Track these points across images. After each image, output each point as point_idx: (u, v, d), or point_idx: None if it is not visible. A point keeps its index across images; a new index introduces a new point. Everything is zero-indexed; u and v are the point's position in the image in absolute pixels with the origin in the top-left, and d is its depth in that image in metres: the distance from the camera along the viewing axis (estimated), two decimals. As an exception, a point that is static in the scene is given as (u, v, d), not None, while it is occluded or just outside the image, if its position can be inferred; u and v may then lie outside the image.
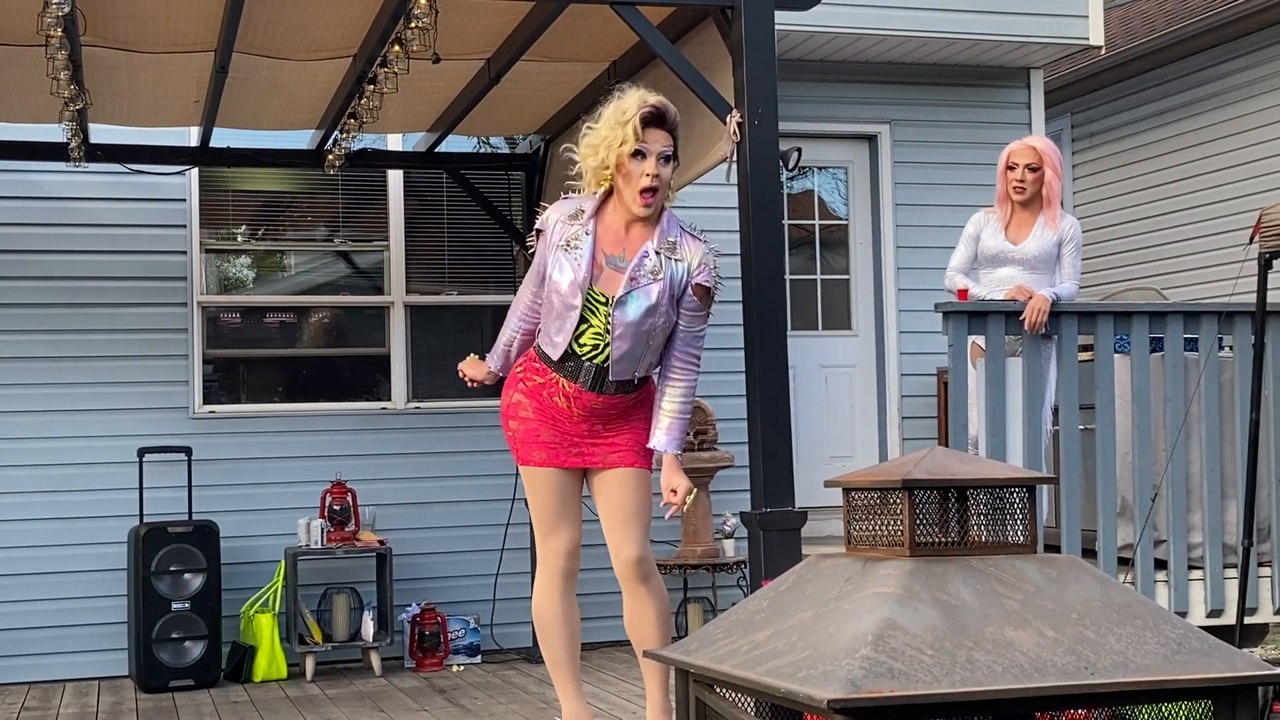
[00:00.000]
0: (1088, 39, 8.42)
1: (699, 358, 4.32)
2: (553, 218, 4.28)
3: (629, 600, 4.39)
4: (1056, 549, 5.75)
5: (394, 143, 7.68)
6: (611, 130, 4.14)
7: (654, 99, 4.17)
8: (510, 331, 4.47)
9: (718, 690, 2.74)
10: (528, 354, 4.38)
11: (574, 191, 4.38)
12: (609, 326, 4.17)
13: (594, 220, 4.22)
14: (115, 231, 7.26)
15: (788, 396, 4.68)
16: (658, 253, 4.19)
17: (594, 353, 4.20)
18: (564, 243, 4.20)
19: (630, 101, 4.14)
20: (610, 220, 4.25)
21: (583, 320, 4.18)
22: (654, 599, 4.37)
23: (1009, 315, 5.73)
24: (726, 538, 7.52)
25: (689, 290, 4.22)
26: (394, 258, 7.73)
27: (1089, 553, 5.82)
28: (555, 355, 4.23)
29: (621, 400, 4.28)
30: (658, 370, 4.36)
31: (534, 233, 4.35)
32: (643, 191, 4.14)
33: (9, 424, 7.02)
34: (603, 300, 4.18)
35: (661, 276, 4.17)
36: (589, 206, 4.24)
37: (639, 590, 4.36)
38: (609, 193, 4.25)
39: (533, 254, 4.37)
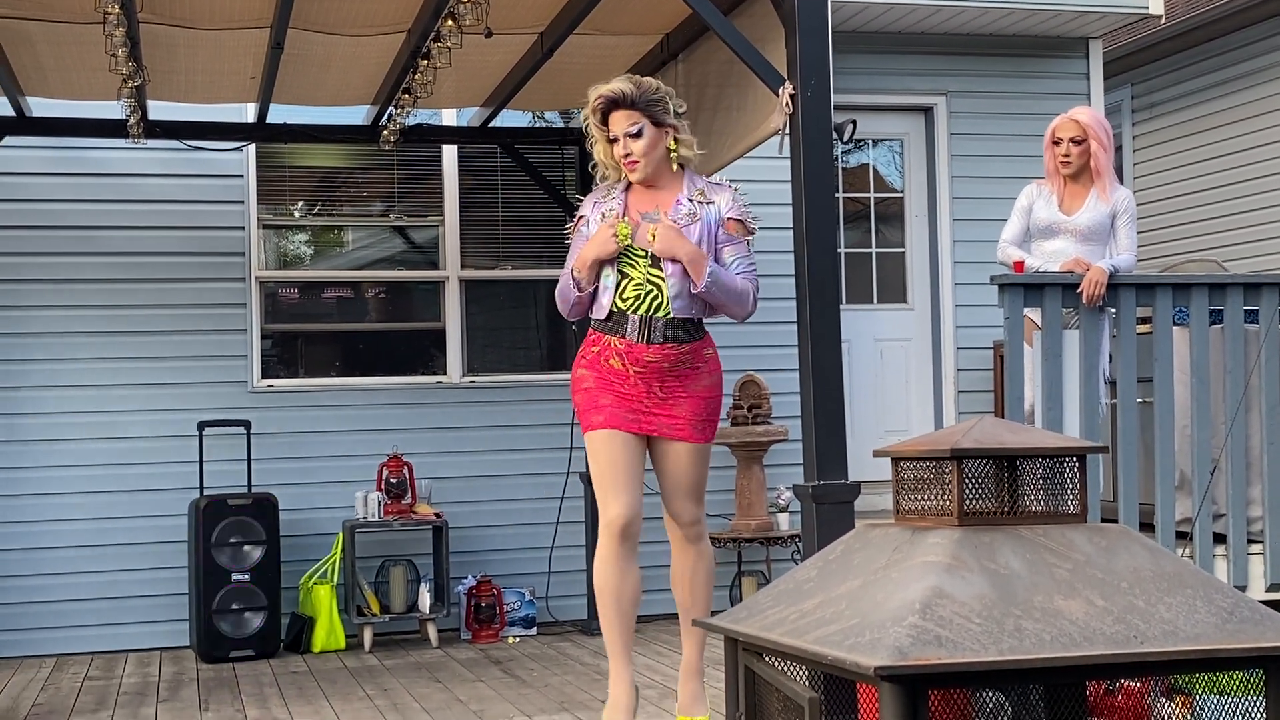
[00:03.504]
0: (1147, 8, 8.32)
1: (754, 283, 4.56)
2: (589, 202, 4.65)
3: (678, 557, 4.62)
4: (1114, 523, 5.71)
5: (448, 118, 7.71)
6: (591, 135, 4.57)
7: (602, 89, 4.49)
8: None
9: (766, 658, 2.75)
10: (589, 329, 4.59)
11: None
12: (650, 274, 4.42)
13: (625, 194, 4.59)
14: (174, 207, 7.34)
15: (840, 369, 4.66)
16: (690, 200, 4.52)
17: (637, 304, 4.43)
18: (600, 216, 4.55)
19: (589, 105, 4.53)
20: (638, 190, 4.58)
21: (624, 276, 4.44)
22: (703, 560, 4.62)
23: (1065, 288, 5.68)
24: (781, 511, 7.53)
25: (723, 227, 4.51)
26: (449, 232, 7.77)
27: (1147, 526, 5.78)
28: (602, 315, 4.48)
29: (673, 352, 4.44)
30: (705, 334, 4.58)
31: (575, 218, 4.66)
32: (625, 164, 4.51)
33: (71, 398, 7.14)
34: (642, 255, 4.44)
35: (698, 218, 4.48)
36: (619, 186, 4.63)
37: (689, 549, 4.62)
38: None
39: (569, 238, 4.67)
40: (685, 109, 4.61)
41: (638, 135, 4.45)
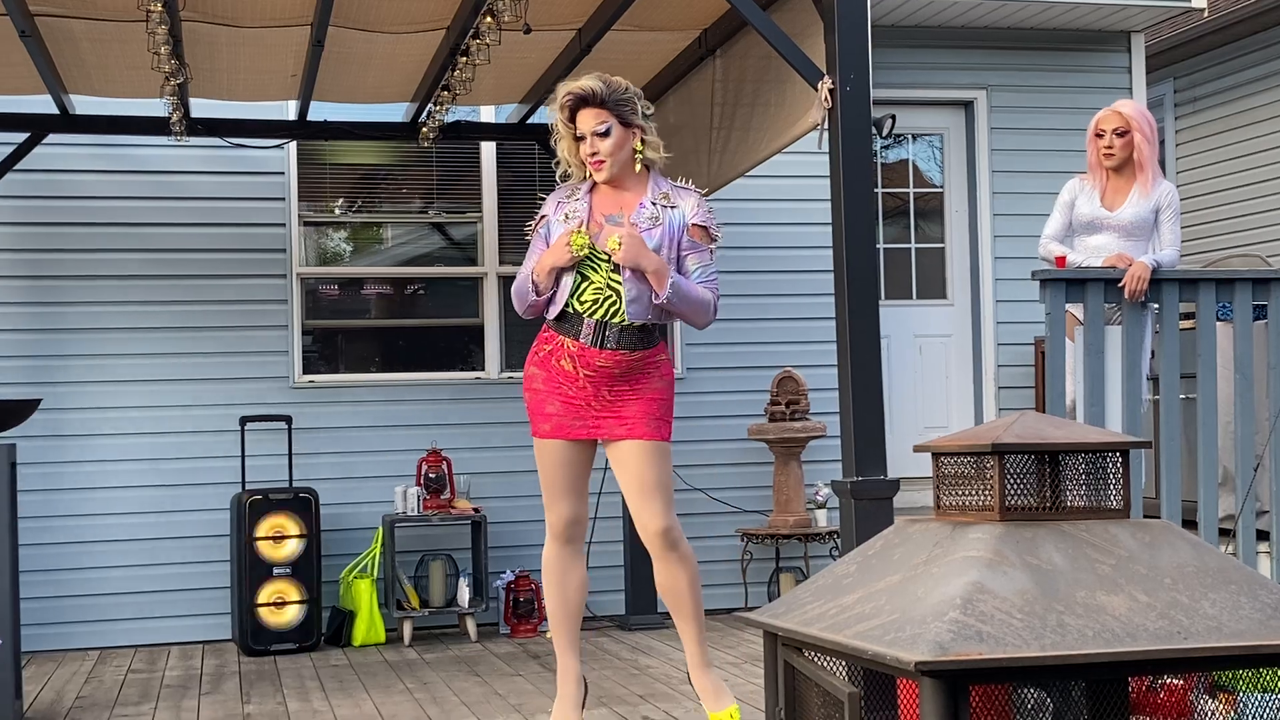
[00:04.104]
0: (1190, 2, 8.24)
1: (714, 293, 4.48)
2: (552, 201, 4.56)
3: (659, 567, 4.49)
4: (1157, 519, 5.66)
5: (487, 114, 7.73)
6: (557, 130, 4.48)
7: (571, 86, 4.42)
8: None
9: (806, 653, 2.74)
10: (543, 325, 4.53)
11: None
12: (611, 279, 4.35)
13: (589, 194, 4.51)
14: (216, 204, 7.39)
15: (879, 365, 4.65)
16: (654, 203, 4.44)
17: (594, 308, 4.37)
18: (563, 216, 4.48)
19: (556, 100, 4.45)
20: (603, 190, 4.51)
21: (584, 279, 4.37)
22: (684, 565, 4.47)
23: (1108, 283, 5.64)
24: (819, 508, 7.51)
25: (686, 232, 4.43)
26: (487, 229, 7.79)
27: (1189, 523, 5.73)
28: (554, 314, 4.42)
29: (625, 358, 4.39)
30: (659, 341, 4.50)
31: (537, 218, 4.56)
32: (590, 163, 4.43)
33: (116, 393, 7.20)
34: (604, 258, 4.37)
35: (661, 223, 4.40)
36: (584, 185, 4.55)
37: (668, 557, 4.46)
38: None
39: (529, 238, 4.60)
40: (653, 110, 4.54)
41: (605, 134, 4.37)
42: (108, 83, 6.47)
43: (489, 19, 5.41)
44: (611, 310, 4.35)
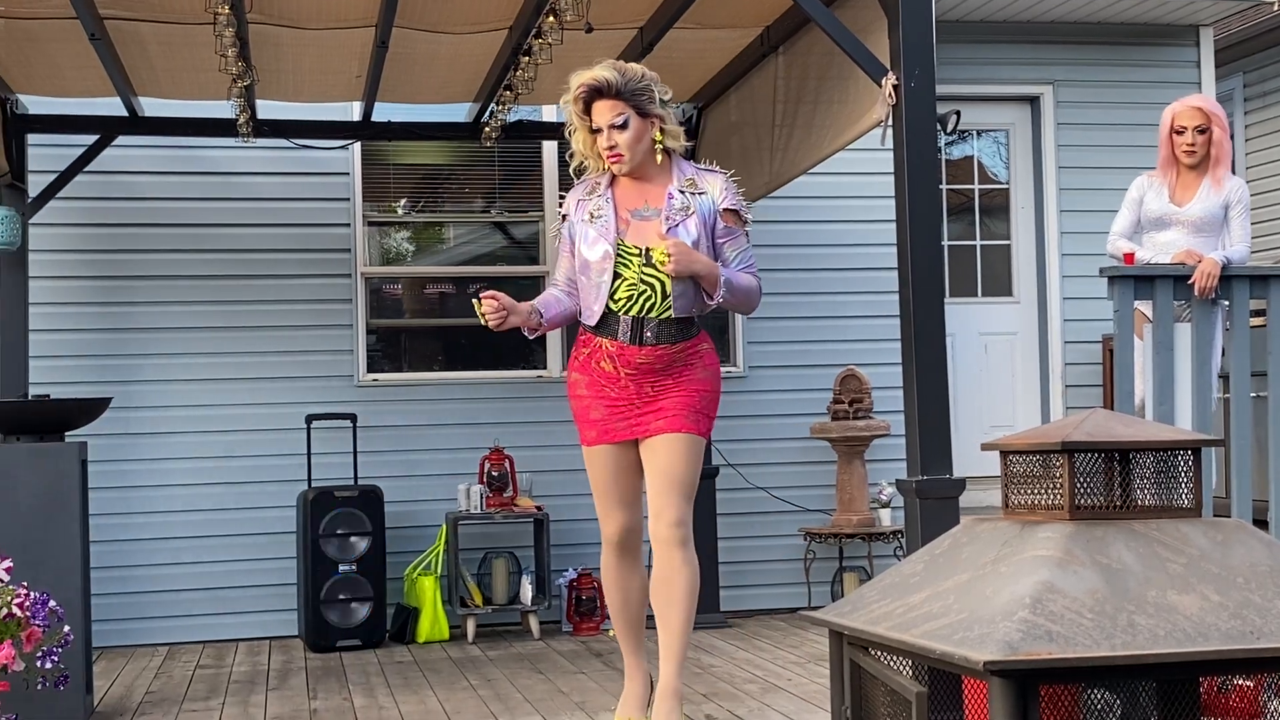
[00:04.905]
0: (1260, -6, 8.13)
1: (756, 276, 4.41)
2: (572, 200, 4.44)
3: (659, 563, 4.27)
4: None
5: (549, 114, 7.74)
6: (571, 123, 4.36)
7: (584, 77, 4.28)
8: (550, 293, 4.45)
9: (872, 652, 2.73)
10: (579, 328, 4.44)
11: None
12: (644, 274, 4.25)
13: (610, 189, 4.38)
14: (282, 205, 7.46)
15: (945, 362, 4.62)
16: (681, 191, 4.33)
17: (629, 304, 4.26)
18: (588, 216, 4.34)
19: (570, 91, 4.31)
20: (624, 183, 4.38)
21: (617, 276, 4.28)
22: (686, 568, 4.26)
23: (1177, 280, 5.57)
24: (883, 507, 7.47)
25: (719, 219, 4.34)
26: (549, 228, 7.81)
27: (1260, 523, 5.64)
28: (594, 321, 4.31)
29: (666, 352, 4.28)
30: (700, 330, 4.40)
31: (560, 219, 4.47)
32: (608, 157, 4.30)
33: (184, 392, 7.28)
34: (635, 253, 4.27)
35: (693, 211, 4.30)
36: (603, 179, 4.41)
37: (673, 555, 4.24)
38: None
39: (558, 238, 4.50)
40: (670, 95, 4.34)
41: (623, 127, 4.23)
42: (175, 85, 6.55)
43: (551, 18, 5.42)
44: (647, 305, 4.24)
